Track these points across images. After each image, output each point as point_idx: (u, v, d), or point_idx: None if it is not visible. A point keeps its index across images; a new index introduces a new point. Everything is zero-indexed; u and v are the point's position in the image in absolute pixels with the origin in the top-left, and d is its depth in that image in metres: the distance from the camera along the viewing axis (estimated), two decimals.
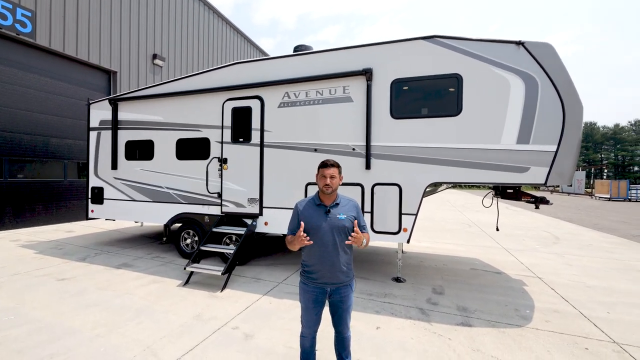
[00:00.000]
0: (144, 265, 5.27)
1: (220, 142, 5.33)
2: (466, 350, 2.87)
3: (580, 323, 3.48)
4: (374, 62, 4.36)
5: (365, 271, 5.16)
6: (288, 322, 3.32)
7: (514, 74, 3.79)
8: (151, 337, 2.96)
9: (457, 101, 4.00)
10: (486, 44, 3.89)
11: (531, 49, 3.73)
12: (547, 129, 3.69)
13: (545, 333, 3.23)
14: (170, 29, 13.24)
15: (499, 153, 3.85)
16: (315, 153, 4.63)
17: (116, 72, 10.88)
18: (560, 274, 5.25)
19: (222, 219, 5.31)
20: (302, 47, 5.44)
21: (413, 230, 4.25)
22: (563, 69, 3.68)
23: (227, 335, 3.03)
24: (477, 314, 3.66)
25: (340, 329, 2.25)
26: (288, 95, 4.86)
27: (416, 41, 4.18)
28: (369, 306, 3.79)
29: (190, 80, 5.62)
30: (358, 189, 4.41)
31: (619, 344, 3.06)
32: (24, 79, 8.54)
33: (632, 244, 8.02)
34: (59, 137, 9.38)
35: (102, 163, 6.54)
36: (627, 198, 25.05)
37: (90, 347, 2.78)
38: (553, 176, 3.69)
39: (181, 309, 3.61)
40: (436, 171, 4.09)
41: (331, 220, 2.15)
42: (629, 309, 3.91)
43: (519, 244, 7.64)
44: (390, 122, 4.30)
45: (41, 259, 5.52)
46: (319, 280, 2.16)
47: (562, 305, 3.98)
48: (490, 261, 6.00)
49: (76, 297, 3.90)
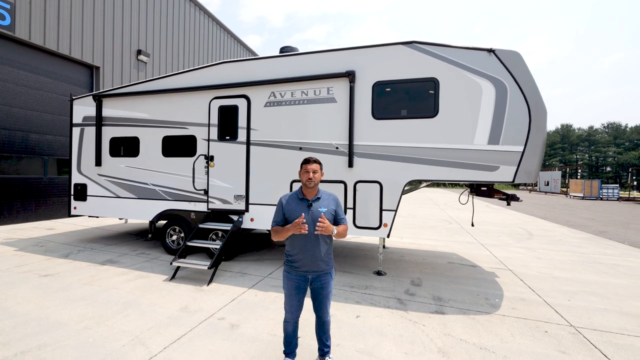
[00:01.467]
0: (129, 262, 5.30)
1: (207, 140, 5.41)
2: (438, 335, 3.11)
3: (543, 310, 3.79)
4: (357, 65, 4.56)
5: (349, 265, 5.37)
6: (273, 312, 3.48)
7: (485, 79, 4.06)
8: (139, 328, 3.06)
9: (434, 104, 4.25)
10: (460, 51, 4.15)
11: (501, 56, 4.01)
12: (515, 131, 3.98)
13: (511, 319, 3.52)
14: (155, 24, 13.06)
15: (472, 153, 4.12)
16: (300, 151, 4.79)
17: (99, 68, 10.67)
18: (530, 267, 5.62)
19: (209, 215, 5.39)
20: (288, 48, 5.58)
21: (393, 225, 4.48)
22: (529, 75, 3.98)
23: (213, 326, 3.16)
24: (451, 302, 3.92)
25: (321, 314, 2.43)
26: (274, 95, 4.99)
27: (396, 46, 4.41)
28: (351, 297, 3.99)
29: (177, 78, 5.67)
30: (341, 186, 4.61)
31: (575, 327, 3.37)
32: (2, 73, 8.28)
33: (598, 239, 8.59)
34: (39, 133, 9.15)
35: (85, 159, 6.47)
36: (599, 197, 26.42)
37: (79, 338, 2.85)
38: (520, 174, 3.98)
39: (168, 302, 3.70)
40: (414, 169, 4.32)
41: (313, 213, 2.32)
42: (588, 296, 4.27)
43: (495, 240, 8.05)
44: (371, 123, 4.51)
45: (22, 256, 5.45)
46: (301, 268, 2.33)
47: (528, 294, 4.30)
48: (467, 255, 6.33)
49: (61, 292, 3.93)
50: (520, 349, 2.89)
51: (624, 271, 5.50)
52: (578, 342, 3.04)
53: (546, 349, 2.91)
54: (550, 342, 3.03)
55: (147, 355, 2.60)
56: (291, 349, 2.48)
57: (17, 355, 2.56)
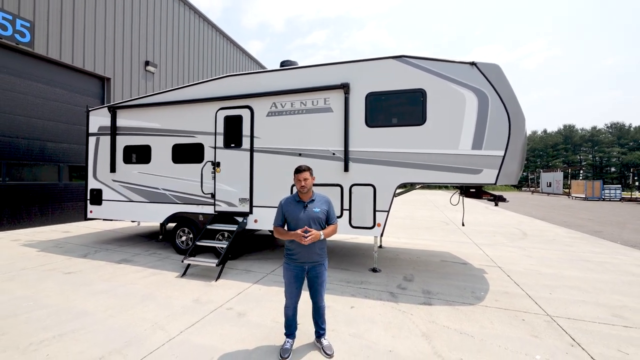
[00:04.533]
0: (143, 261, 5.72)
1: (214, 147, 5.83)
2: (423, 322, 3.46)
3: (524, 302, 4.12)
4: (351, 77, 4.97)
5: (346, 263, 5.74)
6: (276, 303, 3.85)
7: (468, 90, 4.44)
8: (157, 316, 3.46)
9: (422, 112, 4.63)
10: (445, 64, 4.54)
11: (482, 68, 4.39)
12: (496, 137, 4.34)
13: (492, 309, 3.85)
14: (162, 36, 13.64)
15: (457, 157, 4.49)
16: (299, 157, 5.19)
17: (110, 79, 11.23)
18: (519, 264, 5.93)
19: (216, 217, 5.80)
20: (288, 62, 6.01)
21: (386, 225, 4.85)
22: (508, 85, 4.35)
23: (223, 314, 3.55)
24: (439, 295, 4.27)
25: (316, 299, 2.81)
26: (275, 106, 5.41)
27: (387, 60, 4.81)
28: (346, 291, 4.36)
29: (186, 91, 6.12)
30: (338, 189, 4.99)
31: (551, 316, 3.69)
32: (23, 86, 8.87)
33: (591, 238, 8.85)
34: (55, 142, 9.69)
35: (101, 166, 6.94)
36: (601, 197, 26.46)
37: (105, 324, 3.26)
38: (502, 177, 4.34)
39: (181, 294, 4.10)
40: (405, 173, 4.70)
41: (308, 213, 2.71)
42: (569, 290, 4.58)
43: (489, 240, 8.36)
44: (365, 130, 4.90)
45: (44, 256, 5.90)
46: (299, 260, 2.72)
47: (512, 288, 4.63)
48: (460, 254, 6.66)
49: (84, 286, 4.35)
50: (497, 333, 3.23)
51: (609, 268, 5.77)
52: (551, 329, 3.37)
53: (521, 334, 3.24)
54: (526, 328, 3.36)
55: (166, 338, 3.00)
56: (291, 330, 2.86)
57: (56, 337, 2.97)
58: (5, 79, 8.49)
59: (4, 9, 8.09)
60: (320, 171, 4.97)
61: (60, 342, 2.90)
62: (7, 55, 8.49)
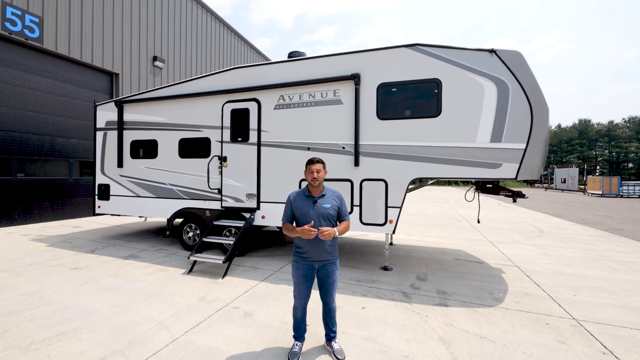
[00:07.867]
0: (149, 257, 5.66)
1: (220, 142, 5.70)
2: (440, 325, 3.26)
3: (546, 304, 3.88)
4: (362, 68, 4.74)
5: (356, 261, 5.56)
6: (283, 302, 3.71)
7: (487, 79, 4.17)
8: (162, 314, 3.35)
9: (437, 103, 4.39)
10: (462, 52, 4.27)
11: (502, 56, 4.11)
12: (517, 129, 4.08)
13: (513, 312, 3.62)
14: (170, 31, 13.58)
15: (475, 151, 4.24)
16: (308, 151, 5.01)
17: (118, 74, 11.22)
18: (538, 263, 5.66)
19: (223, 213, 5.68)
20: (296, 53, 5.81)
21: (398, 222, 4.64)
22: (531, 74, 4.07)
23: (229, 314, 3.42)
24: (455, 296, 4.05)
25: (327, 300, 2.64)
26: (283, 98, 5.23)
27: (399, 49, 4.57)
28: (357, 290, 4.18)
29: (192, 84, 5.99)
30: (348, 184, 4.80)
31: (578, 320, 3.45)
32: (32, 82, 8.90)
33: (612, 236, 8.45)
34: (65, 137, 9.74)
35: (108, 161, 6.90)
36: (619, 194, 25.55)
37: (109, 322, 3.17)
38: (523, 171, 4.07)
39: (187, 292, 4.00)
40: (419, 167, 4.47)
41: (318, 209, 2.53)
42: (594, 292, 4.31)
43: (504, 237, 8.06)
44: (376, 123, 4.68)
45: (53, 251, 5.90)
46: (309, 258, 2.55)
47: (533, 289, 4.38)
48: (474, 252, 6.40)
49: (90, 283, 4.29)
50: (520, 339, 3.01)
51: (635, 268, 5.45)
52: (578, 334, 3.13)
53: (546, 339, 3.01)
54: (551, 333, 3.13)
55: (170, 338, 2.88)
56: (300, 333, 2.70)
57: (58, 336, 2.88)
58: (16, 75, 8.52)
59: (13, 4, 8.09)
60: (330, 166, 4.74)
61: (63, 341, 2.81)
62: (17, 51, 8.52)
